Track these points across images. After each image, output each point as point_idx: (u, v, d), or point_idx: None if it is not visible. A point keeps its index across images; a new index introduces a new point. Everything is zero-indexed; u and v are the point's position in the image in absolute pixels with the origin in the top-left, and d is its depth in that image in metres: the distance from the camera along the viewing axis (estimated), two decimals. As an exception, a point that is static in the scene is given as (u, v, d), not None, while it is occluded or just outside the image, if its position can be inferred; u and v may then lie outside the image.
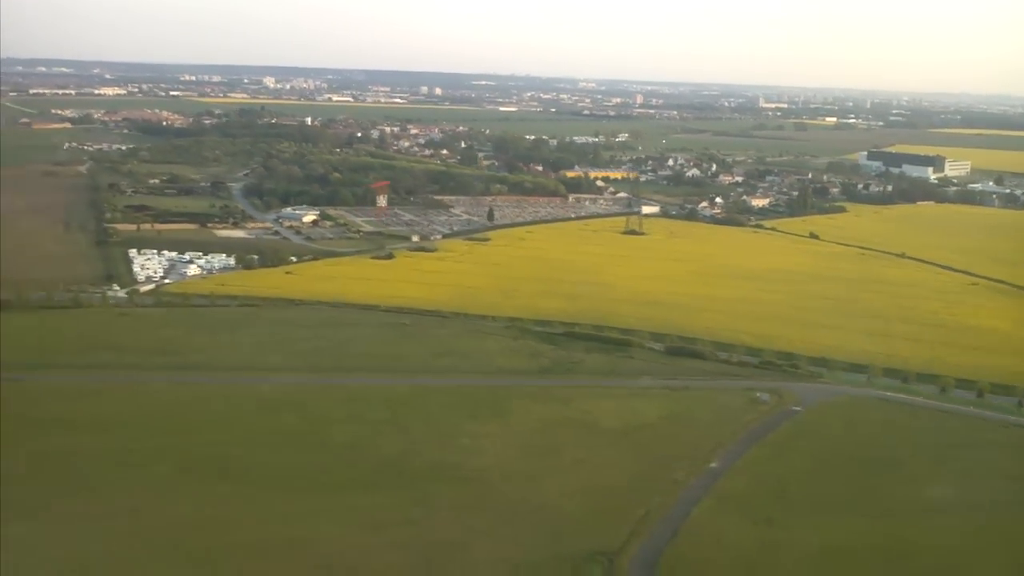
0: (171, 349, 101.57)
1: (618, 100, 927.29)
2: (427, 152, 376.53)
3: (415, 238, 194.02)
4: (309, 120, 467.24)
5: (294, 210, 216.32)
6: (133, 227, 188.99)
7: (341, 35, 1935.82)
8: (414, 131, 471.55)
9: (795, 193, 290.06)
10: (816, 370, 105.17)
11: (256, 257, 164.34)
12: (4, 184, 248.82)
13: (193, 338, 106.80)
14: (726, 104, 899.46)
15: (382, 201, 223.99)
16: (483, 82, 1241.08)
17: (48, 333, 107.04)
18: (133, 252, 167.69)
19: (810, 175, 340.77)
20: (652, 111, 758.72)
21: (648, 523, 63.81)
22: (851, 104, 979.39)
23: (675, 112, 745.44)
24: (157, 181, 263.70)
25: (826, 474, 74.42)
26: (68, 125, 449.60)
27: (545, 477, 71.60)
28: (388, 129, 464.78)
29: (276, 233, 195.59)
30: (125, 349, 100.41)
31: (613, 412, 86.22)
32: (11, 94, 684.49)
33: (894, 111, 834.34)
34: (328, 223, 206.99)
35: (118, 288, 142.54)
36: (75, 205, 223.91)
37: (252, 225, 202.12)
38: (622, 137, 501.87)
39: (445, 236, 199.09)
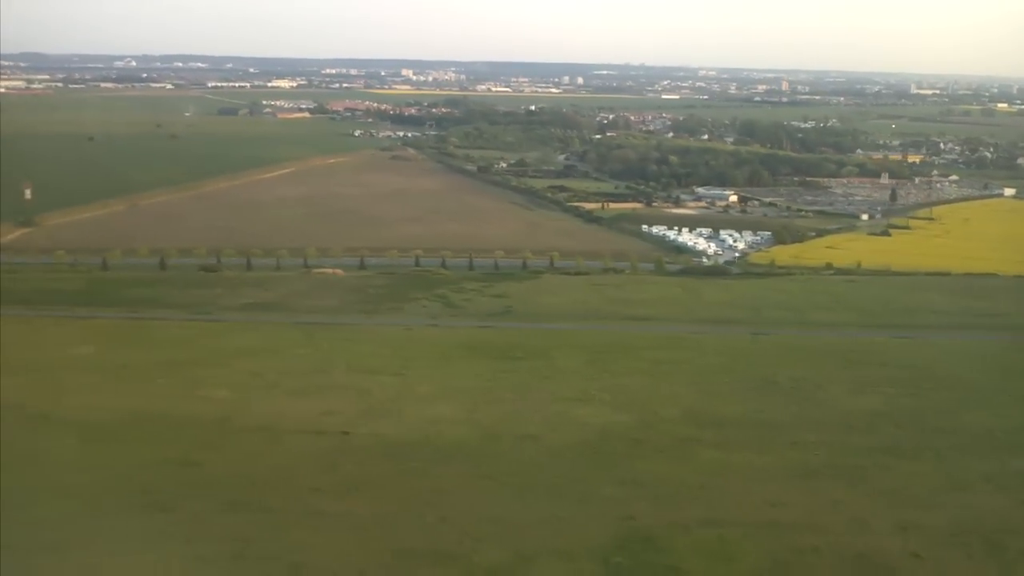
0: (975, 311, 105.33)
1: (764, 87, 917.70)
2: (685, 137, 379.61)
3: (864, 216, 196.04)
4: (533, 107, 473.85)
5: (708, 190, 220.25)
6: (597, 206, 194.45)
7: (460, 27, 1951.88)
8: (631, 118, 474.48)
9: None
10: None
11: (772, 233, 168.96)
12: (382, 169, 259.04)
13: (937, 300, 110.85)
14: (880, 91, 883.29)
15: (884, 179, 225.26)
16: (604, 71, 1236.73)
17: (823, 297, 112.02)
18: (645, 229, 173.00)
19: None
20: (816, 97, 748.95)
21: None
22: (996, 90, 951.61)
23: (840, 98, 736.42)
24: (504, 165, 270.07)
25: None
26: (307, 115, 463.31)
27: None
28: (609, 116, 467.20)
29: (725, 211, 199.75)
30: (938, 312, 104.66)
31: None
32: (191, 87, 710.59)
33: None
34: (754, 203, 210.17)
35: (706, 260, 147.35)
36: (472, 187, 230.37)
37: (692, 204, 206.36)
38: (833, 122, 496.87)
39: (884, 215, 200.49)
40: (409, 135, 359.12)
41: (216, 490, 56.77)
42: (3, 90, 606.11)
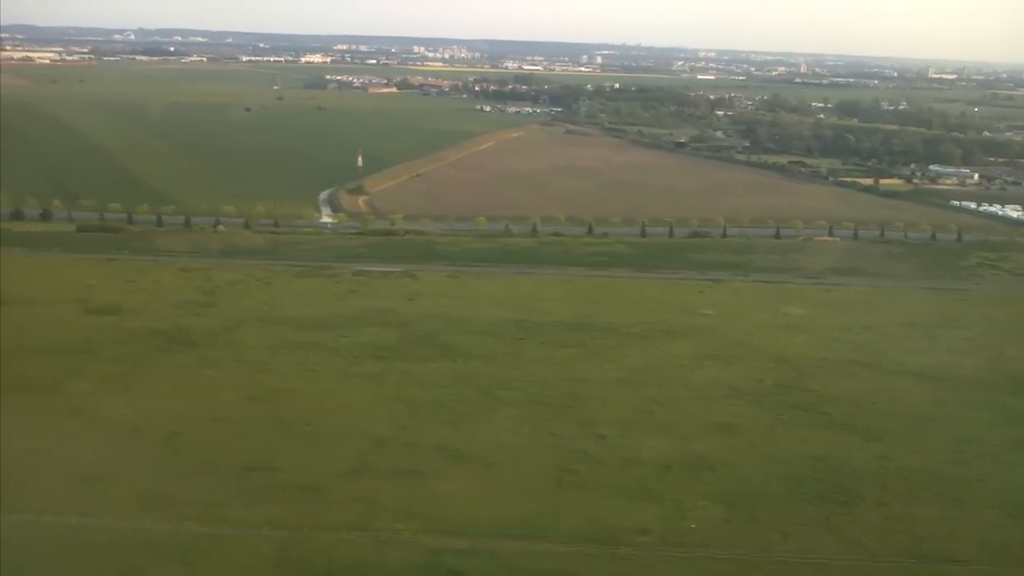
0: None
1: (782, 69, 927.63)
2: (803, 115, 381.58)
3: None
4: (616, 85, 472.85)
5: (942, 168, 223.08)
6: (869, 181, 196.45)
7: (459, 5, 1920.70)
8: (710, 96, 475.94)
9: None
10: None
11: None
12: (575, 143, 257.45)
13: None
14: (897, 75, 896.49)
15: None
16: (605, 51, 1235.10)
17: None
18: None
19: None
20: (850, 80, 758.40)
21: None
22: (1005, 75, 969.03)
23: (875, 81, 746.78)
24: (681, 140, 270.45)
25: None
26: (395, 90, 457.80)
27: None
28: (691, 95, 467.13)
29: (986, 187, 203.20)
30: None
31: None
32: (225, 61, 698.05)
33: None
34: (998, 181, 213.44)
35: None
36: (695, 162, 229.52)
37: (947, 181, 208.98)
38: (904, 105, 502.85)
39: None
40: (537, 111, 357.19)
41: None
42: (47, 61, 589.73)
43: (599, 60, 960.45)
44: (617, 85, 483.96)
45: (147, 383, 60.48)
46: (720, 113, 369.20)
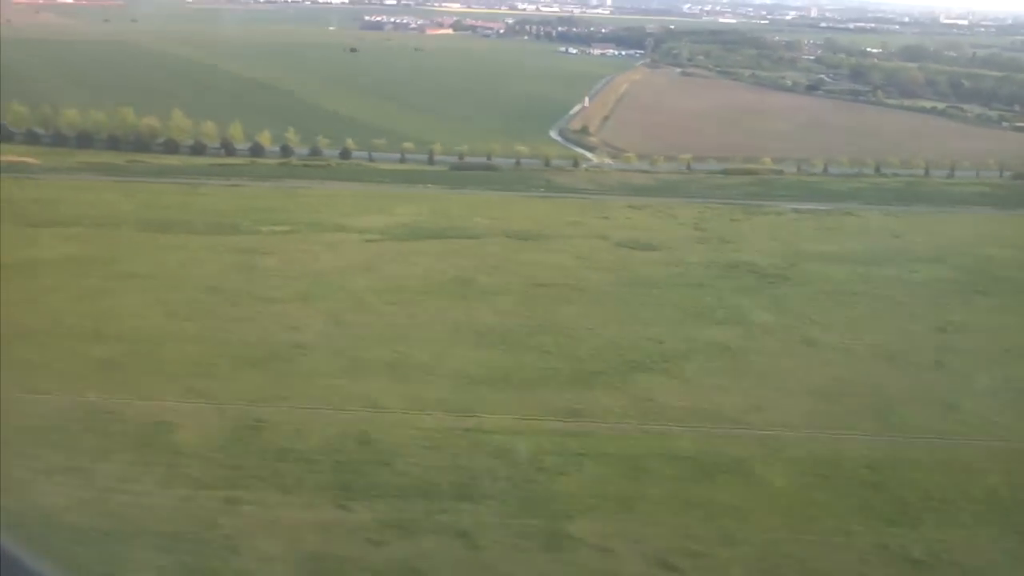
0: None
1: (794, 13, 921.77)
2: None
3: None
4: (672, 27, 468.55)
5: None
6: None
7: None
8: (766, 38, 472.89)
9: None
10: None
11: None
12: (707, 87, 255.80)
13: None
14: (906, 19, 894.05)
15: None
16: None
17: None
18: None
19: None
20: (875, 25, 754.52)
21: None
22: (1011, 22, 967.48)
23: (896, 25, 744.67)
24: (807, 84, 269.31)
25: None
26: (451, 31, 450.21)
27: None
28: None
29: None
30: None
31: None
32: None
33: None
34: None
35: None
36: (850, 106, 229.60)
37: None
38: (951, 52, 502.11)
39: None
40: (622, 53, 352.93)
41: None
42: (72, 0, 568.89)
43: (609, 2, 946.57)
44: (673, 27, 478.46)
45: (802, 314, 59.65)
46: (803, 56, 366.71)
